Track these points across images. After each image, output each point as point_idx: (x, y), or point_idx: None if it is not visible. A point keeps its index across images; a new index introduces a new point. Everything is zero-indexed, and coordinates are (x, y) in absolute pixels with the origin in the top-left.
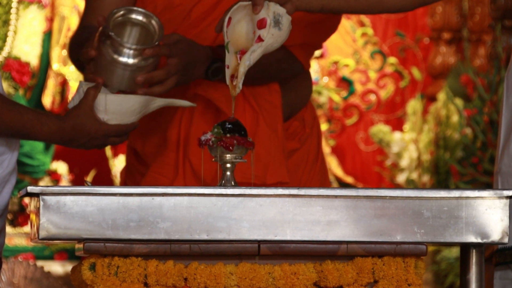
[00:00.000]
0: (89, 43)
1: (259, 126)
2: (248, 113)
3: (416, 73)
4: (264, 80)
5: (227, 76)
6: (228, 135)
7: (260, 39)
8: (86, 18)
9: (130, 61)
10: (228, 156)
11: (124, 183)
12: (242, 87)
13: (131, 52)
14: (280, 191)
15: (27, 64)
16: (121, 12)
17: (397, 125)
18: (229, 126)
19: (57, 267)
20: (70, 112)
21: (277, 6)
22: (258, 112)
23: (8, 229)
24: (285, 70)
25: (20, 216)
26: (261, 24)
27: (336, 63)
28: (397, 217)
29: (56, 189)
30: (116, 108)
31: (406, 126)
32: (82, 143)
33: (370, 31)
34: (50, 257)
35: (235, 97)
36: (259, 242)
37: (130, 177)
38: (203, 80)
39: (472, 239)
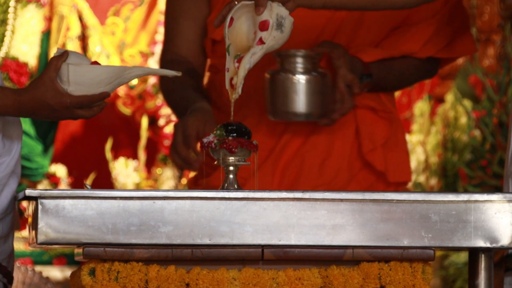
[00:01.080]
0: None
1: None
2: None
3: None
4: (402, 86)
5: (227, 80)
6: (230, 137)
7: (261, 42)
8: (170, 48)
9: (302, 77)
10: (231, 158)
11: (194, 185)
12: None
13: (302, 62)
14: (284, 194)
15: (25, 65)
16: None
17: (404, 126)
18: (232, 128)
19: (56, 272)
20: (30, 83)
21: (280, 8)
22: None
23: None
24: (423, 76)
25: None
26: (263, 26)
27: None
28: (404, 221)
29: (54, 192)
30: (80, 79)
31: (413, 128)
32: (44, 116)
33: None
34: (48, 262)
35: (233, 101)
36: (262, 246)
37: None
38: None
39: (481, 243)
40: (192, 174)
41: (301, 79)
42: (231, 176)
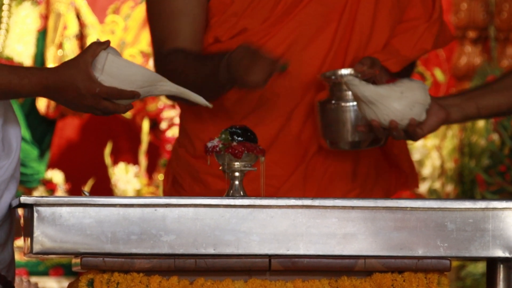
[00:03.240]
0: None
1: None
2: None
3: (439, 74)
4: None
5: None
6: (236, 141)
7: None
8: (170, 42)
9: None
10: (236, 164)
11: None
12: None
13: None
14: (292, 201)
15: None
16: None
17: None
18: (237, 131)
19: (53, 284)
20: (62, 63)
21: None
22: None
23: None
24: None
25: None
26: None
27: None
28: (419, 230)
29: (51, 199)
30: (114, 70)
31: None
32: (70, 99)
33: None
34: (45, 273)
35: None
36: (270, 256)
37: None
38: None
39: (499, 253)
40: None
41: (352, 106)
42: (236, 182)
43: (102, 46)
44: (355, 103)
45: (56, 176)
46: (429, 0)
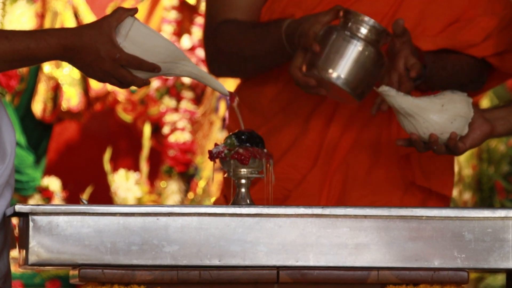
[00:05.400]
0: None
1: None
2: None
3: None
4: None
5: None
6: (242, 147)
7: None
8: (222, 13)
9: (360, 44)
10: (243, 170)
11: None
12: None
13: (368, 30)
14: (302, 210)
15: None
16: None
17: None
18: (243, 136)
19: None
20: (84, 24)
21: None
22: None
23: None
24: (472, 82)
25: None
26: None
27: None
28: (435, 240)
29: (47, 208)
30: (138, 38)
31: None
32: (88, 62)
33: None
34: (41, 285)
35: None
36: (278, 268)
37: None
38: None
39: None
40: None
41: (358, 45)
42: (243, 190)
43: (130, 12)
44: (362, 43)
45: (53, 183)
46: (498, 7)
